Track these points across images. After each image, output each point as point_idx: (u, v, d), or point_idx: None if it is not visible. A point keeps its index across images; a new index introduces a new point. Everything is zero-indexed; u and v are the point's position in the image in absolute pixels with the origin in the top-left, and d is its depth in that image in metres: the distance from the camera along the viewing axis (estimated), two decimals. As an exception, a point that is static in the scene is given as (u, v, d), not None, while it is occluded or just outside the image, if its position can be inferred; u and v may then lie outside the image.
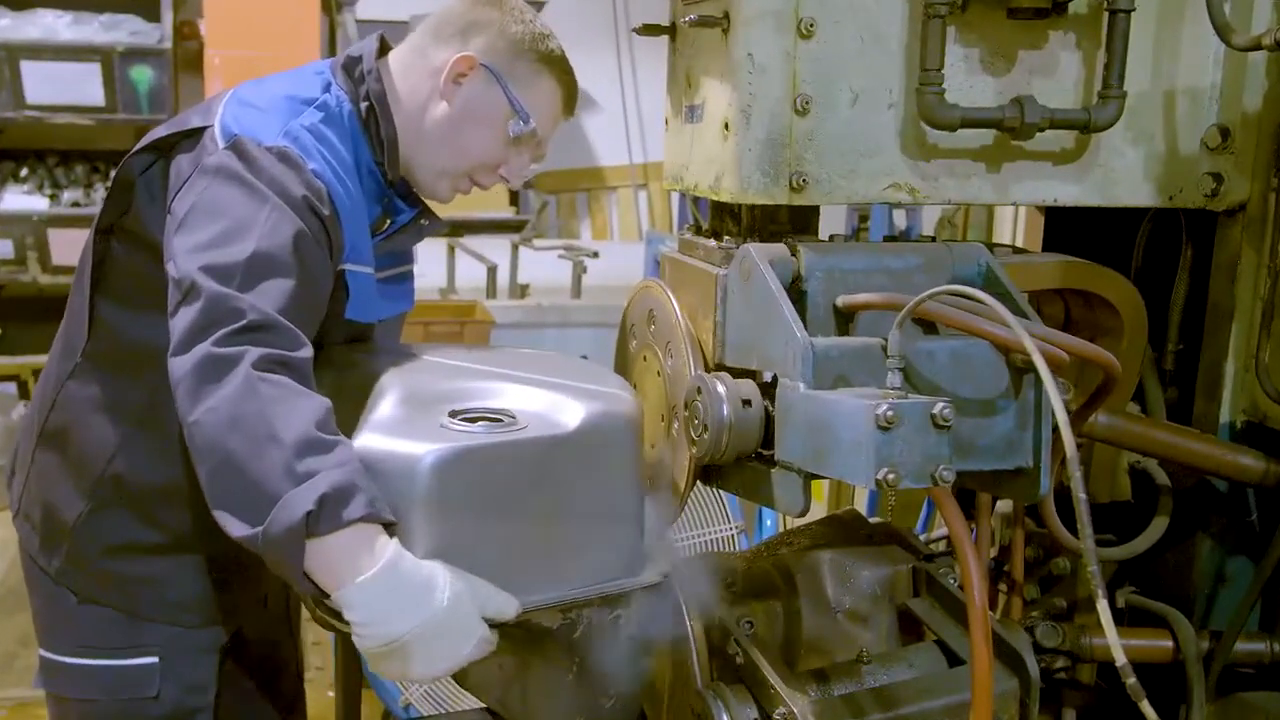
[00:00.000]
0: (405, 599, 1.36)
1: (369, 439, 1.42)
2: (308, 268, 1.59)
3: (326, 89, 1.77)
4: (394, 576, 1.36)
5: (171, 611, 1.82)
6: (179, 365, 1.47)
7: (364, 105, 1.77)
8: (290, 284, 1.54)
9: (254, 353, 1.45)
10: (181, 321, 1.50)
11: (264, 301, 1.51)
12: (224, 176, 1.62)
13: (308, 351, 1.51)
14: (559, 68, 1.83)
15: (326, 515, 1.34)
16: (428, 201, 1.91)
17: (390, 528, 1.39)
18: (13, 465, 1.95)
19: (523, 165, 1.85)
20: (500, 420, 1.44)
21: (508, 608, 1.40)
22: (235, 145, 1.65)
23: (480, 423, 1.44)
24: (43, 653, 1.89)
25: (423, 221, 1.90)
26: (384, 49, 1.86)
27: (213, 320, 1.48)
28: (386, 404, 1.49)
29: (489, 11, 1.81)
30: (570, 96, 1.87)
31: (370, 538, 1.37)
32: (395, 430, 1.43)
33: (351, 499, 1.35)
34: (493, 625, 1.40)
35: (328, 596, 1.38)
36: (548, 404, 1.48)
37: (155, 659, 1.83)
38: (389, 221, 1.86)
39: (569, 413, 1.46)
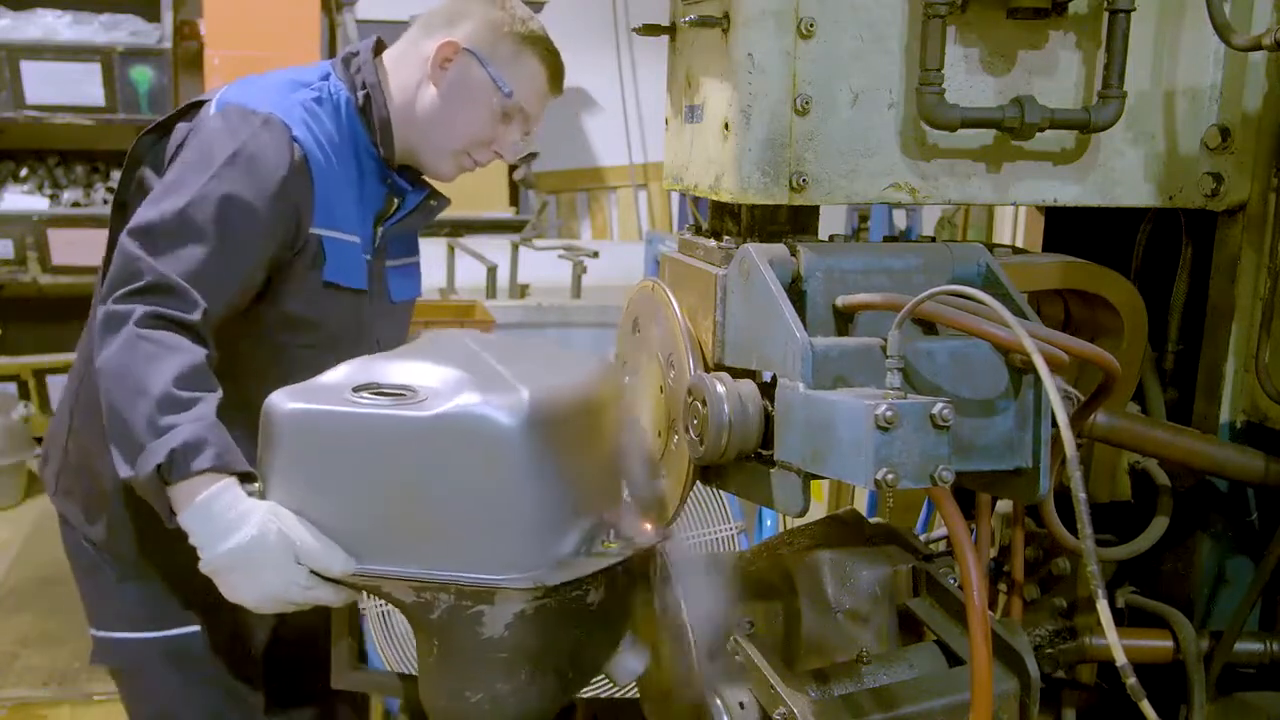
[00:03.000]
0: (217, 530, 1.56)
1: (276, 395, 1.54)
2: (231, 235, 1.75)
3: (325, 78, 1.94)
4: (207, 510, 1.57)
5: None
6: (95, 316, 1.70)
7: (361, 94, 1.93)
8: (203, 249, 1.73)
9: (139, 310, 1.65)
10: (111, 268, 1.72)
11: (167, 264, 1.69)
12: (196, 137, 1.80)
13: (198, 314, 1.69)
14: (541, 46, 1.99)
15: (177, 466, 1.57)
16: (434, 183, 2.07)
17: (248, 477, 1.59)
18: (46, 451, 2.10)
19: (514, 141, 2.01)
20: (401, 396, 1.51)
21: (333, 563, 1.50)
22: (224, 110, 1.82)
23: (377, 396, 1.52)
24: (94, 632, 2.05)
25: (431, 202, 2.07)
26: (380, 48, 2.02)
27: (119, 279, 1.69)
28: (334, 373, 1.60)
29: (473, 3, 1.98)
30: (555, 74, 2.02)
31: (215, 483, 1.57)
32: (302, 394, 1.55)
33: (200, 453, 1.57)
34: (331, 579, 1.52)
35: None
36: (458, 390, 1.51)
37: (198, 628, 1.99)
38: (397, 203, 2.02)
39: (449, 400, 1.49)
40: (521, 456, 1.47)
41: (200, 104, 1.88)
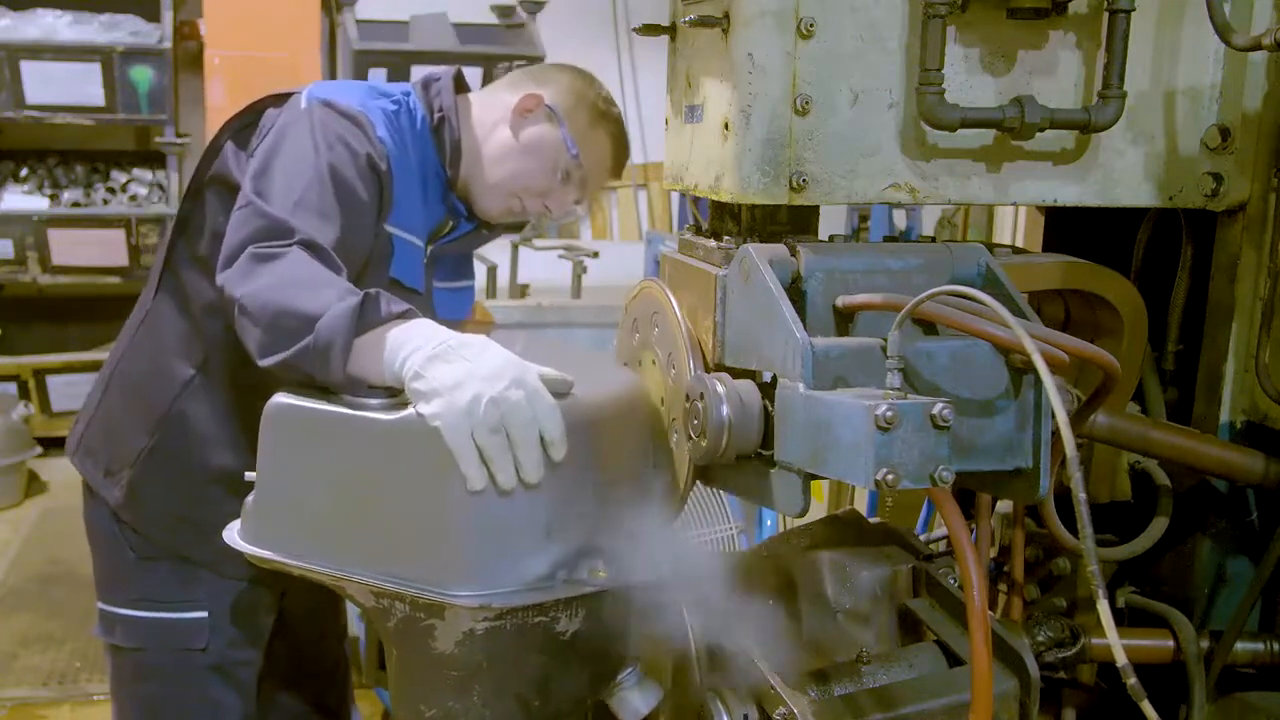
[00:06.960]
0: (439, 332, 1.51)
1: (281, 392, 1.57)
2: (348, 214, 1.81)
3: (405, 94, 2.06)
4: (423, 324, 1.54)
5: (219, 558, 1.92)
6: (229, 268, 1.68)
7: (437, 115, 2.04)
8: (331, 225, 1.76)
9: (298, 246, 1.68)
10: (236, 234, 1.71)
11: (312, 231, 1.71)
12: (300, 122, 1.88)
13: (343, 277, 1.69)
14: (615, 127, 2.14)
15: (369, 309, 1.53)
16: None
17: None
18: (78, 418, 2.18)
19: (567, 202, 2.13)
20: (386, 398, 1.51)
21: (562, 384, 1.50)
22: (314, 104, 1.91)
23: (360, 397, 1.52)
24: (101, 605, 2.11)
25: (484, 230, 2.18)
26: (460, 81, 2.15)
27: (266, 236, 1.69)
28: None
29: (563, 73, 2.15)
30: (620, 156, 2.17)
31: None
32: (298, 389, 1.57)
33: (392, 302, 1.56)
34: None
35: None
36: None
37: (205, 613, 2.04)
38: (451, 225, 2.12)
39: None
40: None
41: (287, 95, 1.97)
